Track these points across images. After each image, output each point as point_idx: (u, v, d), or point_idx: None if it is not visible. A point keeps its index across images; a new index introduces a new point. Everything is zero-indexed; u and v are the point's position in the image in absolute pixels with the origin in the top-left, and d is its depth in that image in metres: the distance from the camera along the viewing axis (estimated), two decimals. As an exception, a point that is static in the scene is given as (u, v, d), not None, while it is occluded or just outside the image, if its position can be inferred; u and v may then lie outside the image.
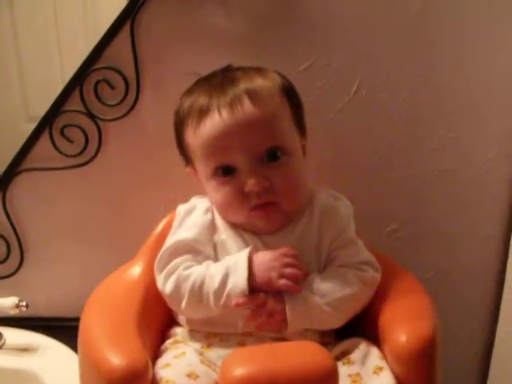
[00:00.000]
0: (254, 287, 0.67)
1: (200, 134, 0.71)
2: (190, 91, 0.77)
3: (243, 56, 0.86)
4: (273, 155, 0.71)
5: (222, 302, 0.67)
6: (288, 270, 0.67)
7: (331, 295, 0.69)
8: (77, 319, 0.71)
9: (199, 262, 0.72)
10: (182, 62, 0.87)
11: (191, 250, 0.73)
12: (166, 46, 0.87)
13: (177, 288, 0.70)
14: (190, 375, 0.62)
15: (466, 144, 0.93)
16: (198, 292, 0.68)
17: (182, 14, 0.86)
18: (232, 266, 0.68)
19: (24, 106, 1.05)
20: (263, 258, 0.69)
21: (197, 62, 0.86)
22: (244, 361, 0.58)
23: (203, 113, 0.71)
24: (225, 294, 0.67)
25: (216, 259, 0.73)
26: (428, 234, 0.98)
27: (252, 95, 0.70)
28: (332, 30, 0.88)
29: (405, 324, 0.65)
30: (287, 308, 0.67)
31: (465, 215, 0.97)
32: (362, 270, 0.72)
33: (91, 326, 0.66)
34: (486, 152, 0.93)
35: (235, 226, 0.75)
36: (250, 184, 0.69)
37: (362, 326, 0.73)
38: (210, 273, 0.69)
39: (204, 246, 0.73)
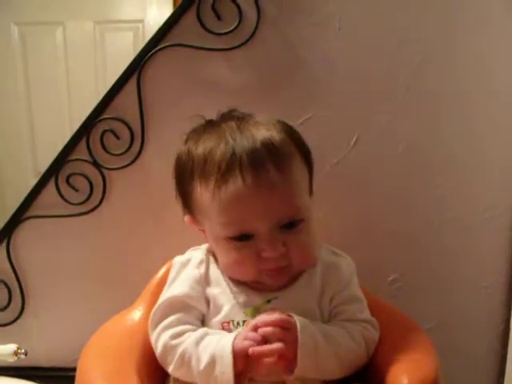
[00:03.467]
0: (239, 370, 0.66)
1: (220, 198, 0.69)
2: (196, 137, 0.75)
3: (245, 109, 0.89)
4: (291, 223, 0.71)
5: (209, 382, 0.66)
6: (250, 334, 0.66)
7: (338, 345, 0.68)
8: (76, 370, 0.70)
9: (191, 323, 0.72)
10: (186, 113, 0.89)
11: (184, 307, 0.73)
12: (171, 98, 0.90)
13: (164, 354, 0.70)
14: None
15: (465, 193, 0.94)
16: (185, 368, 0.68)
17: (188, 67, 0.89)
18: (219, 350, 0.66)
19: (33, 162, 1.08)
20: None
21: (201, 113, 0.88)
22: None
23: (223, 173, 0.68)
24: (212, 378, 0.66)
25: (208, 314, 0.73)
26: (429, 284, 0.97)
27: (276, 160, 0.69)
28: (332, 83, 0.91)
29: (406, 367, 0.65)
30: (299, 351, 0.65)
31: (466, 264, 0.97)
32: (366, 329, 0.72)
33: (88, 369, 0.66)
34: (486, 200, 0.94)
35: (231, 280, 0.74)
36: (269, 251, 0.69)
37: (365, 373, 0.72)
38: (197, 353, 0.67)
39: (196, 302, 0.73)
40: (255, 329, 0.66)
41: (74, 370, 0.70)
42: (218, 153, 0.69)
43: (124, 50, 1.01)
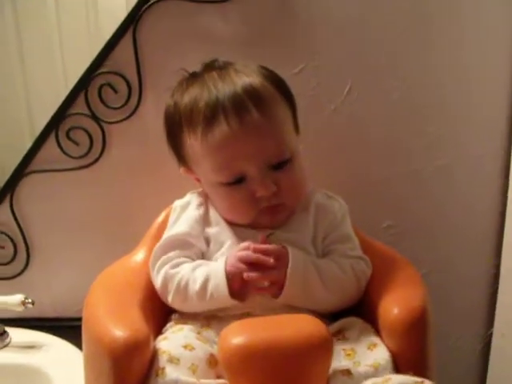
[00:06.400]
0: (233, 288, 0.70)
1: (208, 144, 0.72)
2: (182, 89, 0.77)
3: (239, 60, 0.90)
4: (280, 163, 0.74)
5: (206, 303, 0.71)
6: (243, 253, 0.71)
7: (327, 274, 0.72)
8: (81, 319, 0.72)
9: (190, 257, 0.75)
10: (182, 65, 0.91)
11: (182, 244, 0.76)
12: (166, 50, 0.92)
13: (164, 284, 0.74)
14: (185, 346, 0.64)
15: (457, 140, 0.97)
16: (182, 292, 0.72)
17: (182, 19, 0.91)
18: (213, 269, 0.71)
19: (29, 123, 1.08)
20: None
21: (195, 65, 0.89)
22: (241, 331, 0.60)
23: (209, 120, 0.72)
24: (208, 294, 0.70)
25: (209, 252, 0.77)
26: (423, 230, 1.00)
27: (257, 102, 0.72)
28: (324, 32, 0.92)
29: (396, 298, 0.68)
30: (288, 276, 0.69)
31: (459, 210, 1.00)
32: (356, 263, 0.76)
33: (95, 305, 0.69)
34: (477, 147, 0.97)
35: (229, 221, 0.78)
36: (262, 190, 0.72)
37: (359, 308, 0.75)
38: (193, 276, 0.72)
39: (196, 239, 0.77)
40: (248, 249, 0.71)
41: (79, 319, 0.73)
42: (202, 102, 0.73)
43: (117, 6, 1.00)
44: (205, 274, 0.71)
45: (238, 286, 0.70)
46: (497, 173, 0.98)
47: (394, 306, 0.66)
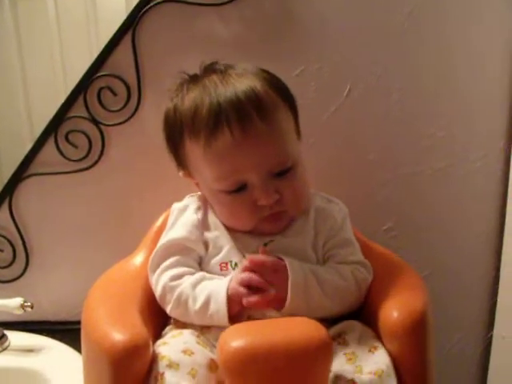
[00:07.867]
0: (233, 311, 0.69)
1: (211, 153, 0.71)
2: (182, 94, 0.76)
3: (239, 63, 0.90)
4: (282, 171, 0.73)
5: (205, 321, 0.70)
6: (244, 276, 0.70)
7: (327, 283, 0.71)
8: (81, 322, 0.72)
9: (190, 264, 0.75)
10: (181, 68, 0.91)
11: (181, 249, 0.75)
12: (165, 53, 0.92)
13: (163, 295, 0.73)
14: (185, 351, 0.63)
15: (456, 142, 0.97)
16: (182, 308, 0.71)
17: (181, 22, 0.91)
18: (214, 290, 0.70)
19: (29, 126, 1.08)
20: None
21: (195, 68, 0.89)
22: (241, 334, 0.60)
23: (211, 130, 0.70)
24: (207, 316, 0.69)
25: (207, 256, 0.76)
26: (423, 233, 1.00)
27: (260, 111, 0.70)
28: (324, 35, 0.92)
29: (396, 301, 0.68)
30: (289, 291, 0.68)
31: (458, 213, 1.00)
32: (356, 269, 0.75)
33: (94, 309, 0.68)
34: (476, 150, 0.97)
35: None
36: (264, 199, 0.72)
37: (360, 312, 0.75)
38: (194, 294, 0.71)
39: (194, 244, 0.76)
40: (247, 270, 0.70)
41: (78, 322, 0.72)
42: (204, 109, 0.71)
43: (116, 9, 1.00)
44: (206, 295, 0.70)
45: (238, 307, 0.69)
46: (497, 175, 0.98)
47: (394, 310, 0.66)
